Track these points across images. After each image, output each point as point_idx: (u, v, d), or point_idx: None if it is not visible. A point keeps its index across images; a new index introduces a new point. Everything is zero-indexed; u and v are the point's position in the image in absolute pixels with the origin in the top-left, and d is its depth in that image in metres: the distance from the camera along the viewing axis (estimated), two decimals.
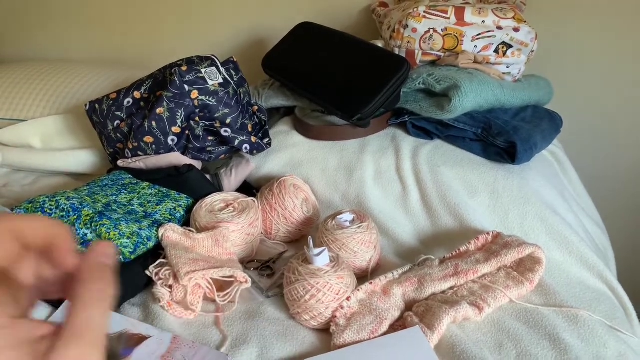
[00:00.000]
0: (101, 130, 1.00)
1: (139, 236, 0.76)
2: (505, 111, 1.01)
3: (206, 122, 0.95)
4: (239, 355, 0.64)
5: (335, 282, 0.68)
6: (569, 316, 0.69)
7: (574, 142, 1.28)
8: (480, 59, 1.01)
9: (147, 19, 1.53)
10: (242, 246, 0.83)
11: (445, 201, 0.89)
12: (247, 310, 0.73)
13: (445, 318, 0.65)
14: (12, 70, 1.35)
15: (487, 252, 0.76)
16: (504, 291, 0.71)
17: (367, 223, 0.79)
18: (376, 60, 0.97)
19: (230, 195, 0.89)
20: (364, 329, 0.65)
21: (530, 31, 1.01)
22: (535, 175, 0.93)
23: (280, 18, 1.39)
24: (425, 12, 1.01)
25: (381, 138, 1.02)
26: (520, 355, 0.63)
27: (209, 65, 0.97)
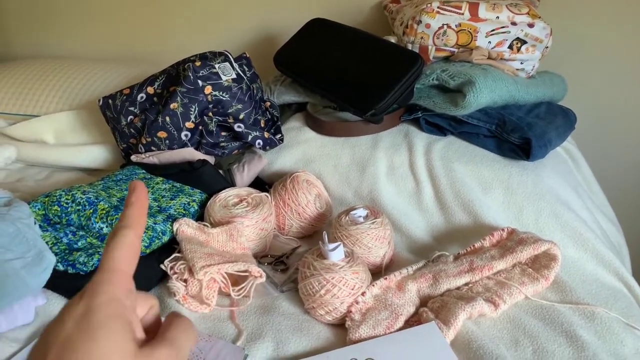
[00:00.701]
0: (114, 125, 1.01)
1: (154, 230, 0.77)
2: (519, 107, 1.00)
3: (219, 118, 0.95)
4: (255, 349, 0.64)
5: (350, 277, 0.68)
6: (586, 313, 0.69)
7: (588, 139, 1.27)
8: (494, 54, 1.00)
9: (158, 16, 1.54)
10: (256, 241, 0.83)
11: (459, 197, 0.88)
12: (262, 304, 0.73)
13: (461, 314, 0.65)
14: (25, 67, 1.36)
15: (502, 248, 0.76)
16: (519, 288, 0.71)
17: (381, 219, 0.79)
18: (389, 56, 0.97)
19: (244, 191, 0.89)
20: (379, 324, 0.65)
21: (544, 27, 1.00)
22: (550, 172, 0.92)
23: (292, 14, 1.39)
24: (439, 8, 1.00)
25: (394, 134, 1.02)
26: (536, 351, 0.63)
27: (222, 60, 0.97)
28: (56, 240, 0.75)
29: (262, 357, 0.63)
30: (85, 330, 0.24)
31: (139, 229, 0.29)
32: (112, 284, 0.27)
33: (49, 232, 0.76)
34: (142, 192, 0.30)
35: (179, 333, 0.28)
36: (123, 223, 0.29)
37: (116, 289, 0.26)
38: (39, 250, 0.68)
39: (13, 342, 0.64)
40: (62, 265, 0.72)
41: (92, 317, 0.25)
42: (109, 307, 0.25)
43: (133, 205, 0.30)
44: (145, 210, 0.30)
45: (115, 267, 0.27)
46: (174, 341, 0.27)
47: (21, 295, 0.65)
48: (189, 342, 0.28)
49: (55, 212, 0.77)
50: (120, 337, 0.25)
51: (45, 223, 0.77)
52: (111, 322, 0.25)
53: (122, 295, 0.27)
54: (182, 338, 0.28)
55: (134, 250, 0.29)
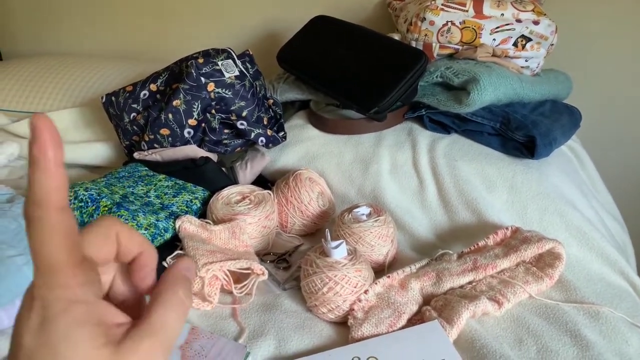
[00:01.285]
0: (117, 122, 1.00)
1: (156, 227, 0.77)
2: (523, 105, 1.00)
3: (222, 115, 0.95)
4: (257, 347, 0.63)
5: (353, 275, 0.67)
6: (590, 313, 0.68)
7: (593, 137, 1.26)
8: (499, 52, 1.00)
9: (162, 14, 1.54)
10: (258, 239, 0.83)
11: (462, 196, 0.88)
12: (264, 302, 0.73)
13: (464, 312, 0.64)
14: (29, 64, 1.36)
15: (506, 247, 0.75)
16: (523, 286, 0.70)
17: (384, 217, 0.79)
18: (393, 54, 0.97)
19: (247, 188, 0.89)
20: (382, 323, 0.65)
21: (550, 24, 0.99)
22: (554, 170, 0.91)
23: (295, 12, 1.38)
24: (443, 5, 0.99)
25: (397, 132, 1.01)
26: (540, 350, 0.63)
27: (225, 57, 0.96)
28: None
29: (264, 355, 0.63)
30: (47, 345, 0.21)
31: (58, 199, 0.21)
32: (60, 286, 0.21)
33: None
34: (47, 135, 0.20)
35: (167, 312, 0.24)
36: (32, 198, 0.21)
37: (68, 291, 0.22)
38: None
39: None
40: None
41: (52, 329, 0.21)
42: (68, 315, 0.21)
43: (37, 165, 0.20)
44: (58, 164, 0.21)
45: (51, 265, 0.21)
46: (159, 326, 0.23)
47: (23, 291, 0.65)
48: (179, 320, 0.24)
49: None
50: (88, 346, 0.21)
51: None
52: (74, 332, 0.21)
53: (78, 293, 0.22)
54: (170, 318, 0.23)
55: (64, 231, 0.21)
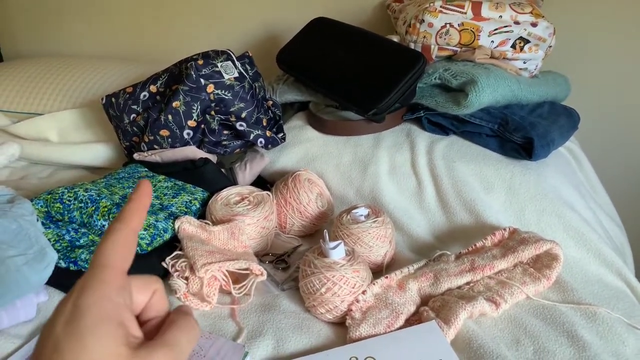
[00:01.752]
0: (117, 123, 1.01)
1: (156, 228, 0.77)
2: (521, 107, 1.00)
3: (222, 116, 0.96)
4: (255, 347, 0.64)
5: (351, 276, 0.68)
6: (587, 313, 0.68)
7: (591, 139, 1.26)
8: (497, 54, 1.00)
9: (162, 15, 1.54)
10: (257, 239, 0.83)
11: (460, 197, 0.88)
12: (263, 302, 0.73)
13: (461, 313, 0.65)
14: (29, 65, 1.36)
15: (503, 247, 0.75)
16: (520, 287, 0.71)
17: (382, 217, 0.79)
18: (392, 55, 0.97)
19: (246, 189, 0.89)
20: (379, 323, 0.65)
21: (548, 26, 1.00)
22: (552, 172, 0.92)
23: (295, 13, 1.39)
24: (441, 7, 1.00)
25: (396, 133, 1.01)
26: (537, 351, 0.63)
27: (224, 59, 0.97)
28: (58, 238, 0.75)
29: (262, 355, 0.63)
30: (74, 334, 0.23)
31: (135, 224, 0.28)
32: (103, 281, 0.25)
33: (52, 229, 0.76)
34: (145, 190, 0.29)
35: (180, 334, 0.27)
36: (119, 217, 0.28)
37: (107, 287, 0.25)
38: (41, 247, 0.69)
39: (15, 338, 0.65)
40: (64, 262, 0.72)
41: (81, 319, 0.23)
42: (98, 308, 0.24)
43: (132, 201, 0.29)
44: (145, 207, 0.29)
45: (106, 263, 0.26)
46: (173, 343, 0.26)
47: (23, 292, 0.65)
48: (189, 343, 0.27)
49: (58, 209, 0.77)
50: (111, 341, 0.24)
51: (48, 220, 0.78)
52: (101, 326, 0.24)
53: (114, 293, 0.25)
54: (182, 339, 0.27)
55: (128, 245, 0.28)
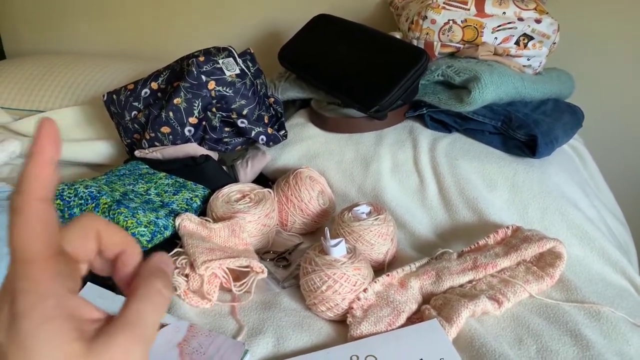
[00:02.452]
0: (118, 120, 1.01)
1: (156, 225, 0.77)
2: (525, 104, 0.99)
3: (223, 113, 0.95)
4: (255, 345, 0.63)
5: (352, 273, 0.67)
6: (591, 312, 0.68)
7: (596, 137, 1.25)
8: (501, 50, 0.99)
9: (163, 12, 1.54)
10: (258, 237, 0.83)
11: (463, 194, 0.87)
12: (263, 300, 0.73)
13: (463, 311, 0.64)
14: (31, 63, 1.36)
15: (506, 246, 0.75)
16: (523, 286, 0.70)
17: (384, 215, 0.78)
18: (394, 52, 0.96)
19: (247, 186, 0.89)
20: (381, 321, 0.65)
21: (552, 23, 0.99)
22: (556, 169, 0.91)
23: (297, 11, 1.38)
24: (444, 3, 0.99)
25: (398, 131, 1.01)
26: (540, 350, 0.62)
27: (226, 56, 0.96)
28: None
29: (263, 353, 0.63)
30: (16, 341, 0.20)
31: (41, 190, 0.22)
32: (30, 279, 0.21)
33: None
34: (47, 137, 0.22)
35: (145, 306, 0.23)
36: (18, 188, 0.22)
37: (38, 285, 0.21)
38: None
39: None
40: None
41: (20, 325, 0.20)
42: (35, 311, 0.21)
43: (31, 159, 0.22)
44: (49, 162, 0.22)
45: (25, 257, 0.21)
46: (134, 320, 0.22)
47: None
48: (158, 312, 0.23)
49: (58, 206, 0.77)
50: (60, 341, 0.21)
51: None
52: (44, 328, 0.21)
53: (49, 286, 0.21)
54: (148, 312, 0.23)
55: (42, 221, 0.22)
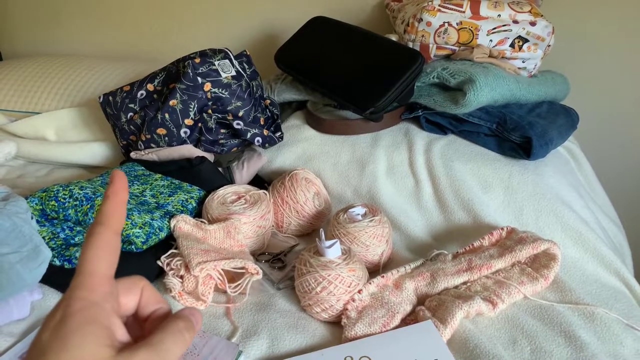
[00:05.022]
0: (114, 122, 1.01)
1: (151, 226, 0.77)
2: (520, 106, 1.00)
3: (219, 115, 0.95)
4: (249, 346, 0.63)
5: (346, 275, 0.67)
6: (585, 313, 0.68)
7: (591, 139, 1.26)
8: (496, 53, 1.00)
9: (160, 14, 1.54)
10: (254, 238, 0.83)
11: (458, 196, 0.88)
12: (258, 302, 0.73)
13: (458, 312, 0.64)
14: (28, 64, 1.36)
15: (501, 247, 0.75)
16: (518, 287, 0.70)
17: (379, 217, 0.79)
18: (389, 54, 0.97)
19: (242, 188, 0.89)
20: (375, 322, 0.65)
21: (547, 25, 0.99)
22: (551, 171, 0.91)
23: (293, 13, 1.38)
24: (440, 6, 1.00)
25: (394, 132, 1.01)
26: (534, 351, 0.62)
27: (222, 57, 0.97)
28: (53, 235, 0.75)
29: (257, 354, 0.63)
30: (59, 337, 0.24)
31: (117, 225, 0.28)
32: (88, 288, 0.26)
33: (46, 227, 0.76)
34: (121, 184, 0.28)
35: (167, 337, 0.27)
36: (98, 220, 0.28)
37: (92, 294, 0.26)
38: (35, 244, 0.68)
39: (8, 337, 0.64)
40: (59, 261, 0.71)
41: (66, 324, 0.24)
42: (84, 314, 0.25)
43: (109, 199, 0.28)
44: (123, 204, 0.28)
45: (90, 270, 0.26)
46: (157, 345, 0.26)
47: (16, 290, 0.65)
48: (177, 346, 0.27)
49: (53, 207, 0.77)
50: (94, 343, 0.24)
51: (43, 218, 0.77)
52: (84, 328, 0.24)
53: (100, 298, 0.26)
54: (168, 342, 0.27)
55: (111, 248, 0.27)
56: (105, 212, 0.28)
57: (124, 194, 0.28)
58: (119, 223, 0.28)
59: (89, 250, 0.27)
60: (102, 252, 0.27)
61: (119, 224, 0.28)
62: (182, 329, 0.28)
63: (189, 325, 0.28)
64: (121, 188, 0.28)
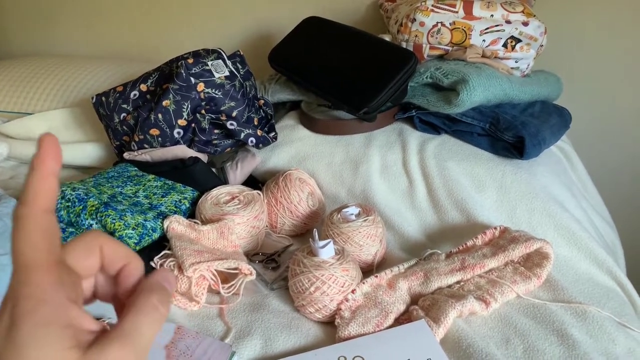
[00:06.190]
0: (107, 123, 1.00)
1: (144, 227, 0.76)
2: (513, 106, 1.00)
3: (212, 115, 0.95)
4: (243, 347, 0.63)
5: (340, 275, 0.67)
6: (577, 312, 0.68)
7: (583, 138, 1.26)
8: (489, 53, 1.00)
9: (154, 15, 1.54)
10: (247, 239, 0.83)
11: (452, 196, 0.88)
12: (252, 302, 0.72)
13: (451, 312, 0.64)
14: (20, 65, 1.35)
15: (494, 246, 0.75)
16: (511, 286, 0.70)
17: (372, 216, 0.79)
18: (383, 54, 0.97)
19: (236, 188, 0.89)
20: (369, 322, 0.65)
21: (539, 25, 1.00)
22: (544, 171, 0.92)
23: (287, 13, 1.38)
24: (433, 6, 1.00)
25: (388, 132, 1.01)
26: (527, 350, 0.63)
27: (215, 58, 0.96)
28: None
29: (250, 355, 0.63)
30: (12, 344, 0.21)
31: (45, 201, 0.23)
32: (31, 284, 0.22)
33: None
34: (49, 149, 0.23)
35: (140, 319, 0.23)
36: (22, 199, 0.23)
37: (37, 289, 0.22)
38: None
39: None
40: None
41: (17, 331, 0.21)
42: (34, 316, 0.21)
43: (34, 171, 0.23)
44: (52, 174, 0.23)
45: (27, 263, 0.22)
46: (131, 333, 0.23)
47: None
48: (153, 327, 0.24)
49: None
50: (54, 349, 0.21)
51: None
52: (40, 333, 0.21)
53: (49, 293, 0.22)
54: (143, 326, 0.23)
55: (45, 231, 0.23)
56: (31, 188, 0.23)
57: (52, 164, 0.23)
58: (48, 198, 0.23)
59: (18, 240, 0.22)
60: (34, 237, 0.22)
61: (48, 200, 0.23)
62: (156, 305, 0.24)
63: (163, 297, 0.25)
64: (49, 156, 0.23)
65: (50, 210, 0.23)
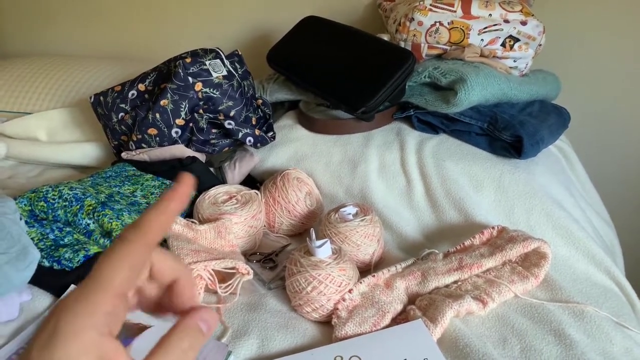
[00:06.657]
0: (106, 122, 1.00)
1: None
2: (511, 105, 1.00)
3: (210, 115, 0.95)
4: (240, 346, 0.63)
5: (337, 274, 0.67)
6: (575, 312, 0.68)
7: (582, 138, 1.26)
8: (487, 52, 1.00)
9: (152, 14, 1.53)
10: (245, 238, 0.83)
11: (450, 195, 0.88)
12: (249, 302, 0.72)
13: (448, 312, 0.64)
14: (19, 65, 1.35)
15: (491, 246, 0.75)
16: (508, 286, 0.70)
17: (370, 216, 0.79)
18: (381, 53, 0.97)
19: (234, 188, 0.89)
20: (365, 322, 0.65)
21: (537, 24, 0.99)
22: (542, 170, 0.91)
23: (286, 12, 1.38)
24: (431, 5, 1.00)
25: (386, 132, 1.01)
26: (524, 350, 0.62)
27: (213, 57, 0.96)
28: (42, 236, 0.74)
29: (247, 354, 0.63)
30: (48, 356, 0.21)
31: (152, 237, 0.24)
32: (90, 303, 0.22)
33: (35, 228, 0.75)
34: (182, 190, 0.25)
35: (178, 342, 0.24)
36: (134, 225, 0.24)
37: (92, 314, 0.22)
38: (23, 245, 0.68)
39: None
40: (48, 262, 0.71)
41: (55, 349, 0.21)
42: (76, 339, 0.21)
43: (159, 203, 0.24)
44: (172, 213, 0.25)
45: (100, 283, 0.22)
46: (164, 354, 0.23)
47: (5, 291, 0.65)
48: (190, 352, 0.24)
49: (42, 207, 0.76)
50: None
51: (32, 219, 0.77)
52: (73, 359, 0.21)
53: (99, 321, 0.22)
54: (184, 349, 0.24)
55: (135, 264, 0.23)
56: (148, 218, 0.24)
57: (176, 205, 0.25)
58: (157, 234, 0.24)
59: (109, 258, 0.23)
60: (123, 265, 0.23)
61: (156, 235, 0.24)
62: (186, 350, 0.24)
63: (195, 343, 0.25)
64: (179, 198, 0.25)
65: (153, 245, 0.24)
